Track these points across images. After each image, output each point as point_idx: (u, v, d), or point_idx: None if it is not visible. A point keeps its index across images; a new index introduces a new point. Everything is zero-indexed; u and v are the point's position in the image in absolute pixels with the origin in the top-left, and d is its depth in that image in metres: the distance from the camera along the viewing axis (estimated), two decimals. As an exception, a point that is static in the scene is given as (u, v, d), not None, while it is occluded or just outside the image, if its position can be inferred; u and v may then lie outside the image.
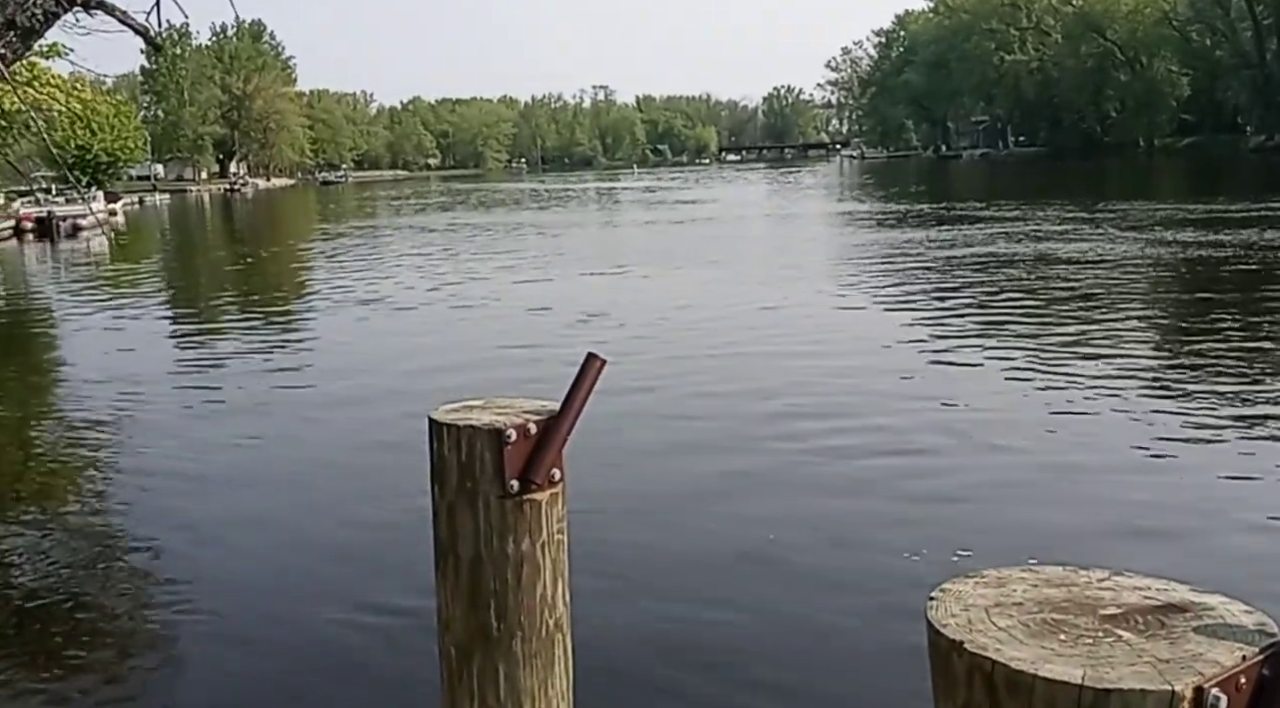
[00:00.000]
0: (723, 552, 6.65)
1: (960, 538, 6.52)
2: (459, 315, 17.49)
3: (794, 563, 6.40)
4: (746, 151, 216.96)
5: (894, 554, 6.31)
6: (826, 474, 8.04)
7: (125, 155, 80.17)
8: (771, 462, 8.38)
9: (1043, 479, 7.67)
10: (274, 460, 9.48)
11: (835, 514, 7.20)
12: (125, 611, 6.52)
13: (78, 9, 4.54)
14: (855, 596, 5.93)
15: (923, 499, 7.32)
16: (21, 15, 4.14)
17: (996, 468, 7.98)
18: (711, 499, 7.63)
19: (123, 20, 4.62)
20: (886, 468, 8.01)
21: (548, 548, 2.17)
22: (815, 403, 10.08)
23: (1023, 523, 6.81)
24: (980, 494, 7.43)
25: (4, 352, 18.51)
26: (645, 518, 7.36)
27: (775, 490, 7.75)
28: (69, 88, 23.82)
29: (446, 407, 2.25)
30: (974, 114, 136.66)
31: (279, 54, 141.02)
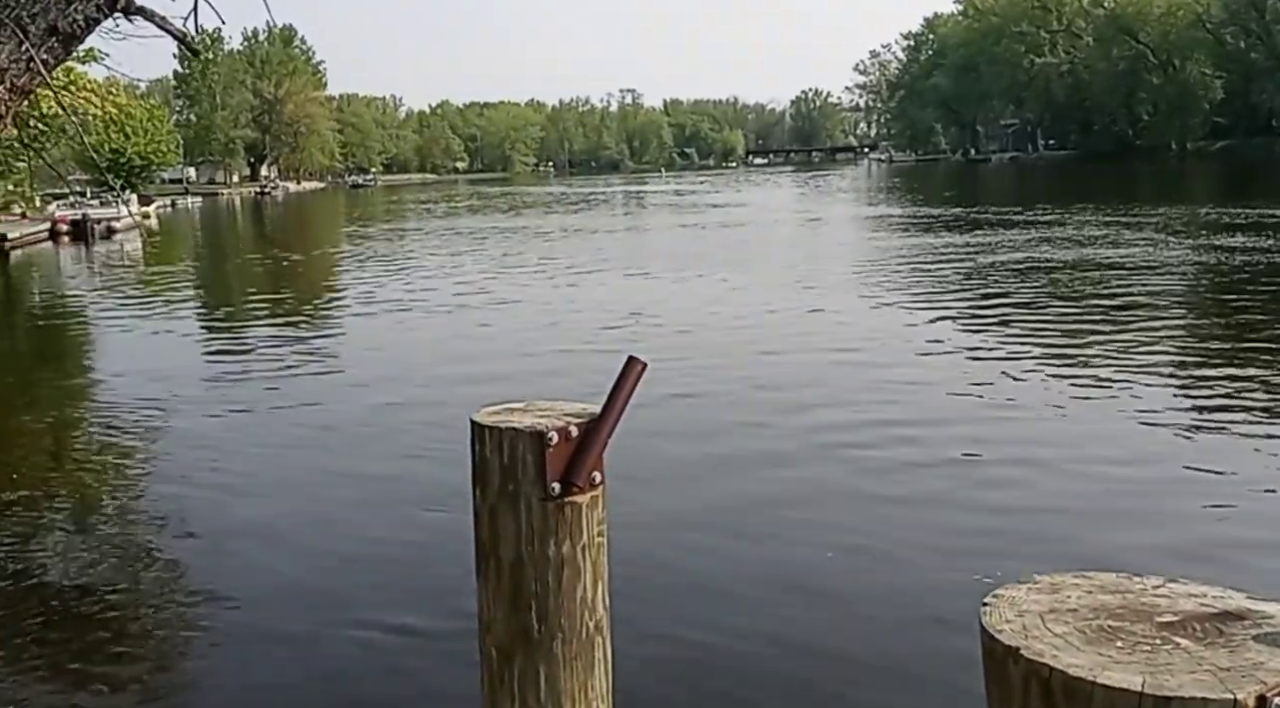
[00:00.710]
0: (771, 562, 6.56)
1: (1019, 552, 6.39)
2: (491, 319, 17.46)
3: (848, 580, 6.29)
4: (774, 155, 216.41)
5: (954, 570, 6.16)
6: (875, 485, 7.90)
7: (158, 159, 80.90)
8: (812, 471, 8.29)
9: (1098, 492, 7.50)
10: (305, 465, 9.51)
11: (890, 526, 7.07)
12: (154, 614, 6.55)
13: (118, 15, 4.57)
14: (914, 610, 5.80)
15: (980, 511, 7.19)
16: (63, 21, 4.18)
17: (1055, 482, 7.75)
18: (758, 510, 7.51)
19: (161, 25, 4.65)
20: (938, 479, 7.88)
21: (588, 550, 2.17)
22: (861, 412, 9.91)
23: (1089, 540, 6.63)
24: (1042, 508, 7.22)
25: (39, 353, 18.73)
26: (696, 535, 7.19)
27: (820, 500, 7.64)
28: (104, 92, 24.11)
29: (488, 409, 2.26)
30: (1003, 117, 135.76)
31: (310, 58, 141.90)
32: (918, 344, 13.30)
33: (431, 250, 32.95)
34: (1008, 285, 18.63)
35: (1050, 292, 17.72)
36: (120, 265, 35.18)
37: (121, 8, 4.90)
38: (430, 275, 24.68)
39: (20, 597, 6.77)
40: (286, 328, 17.99)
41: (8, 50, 4.23)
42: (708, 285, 20.42)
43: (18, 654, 5.88)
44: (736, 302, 17.90)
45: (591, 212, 56.50)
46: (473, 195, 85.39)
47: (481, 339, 15.72)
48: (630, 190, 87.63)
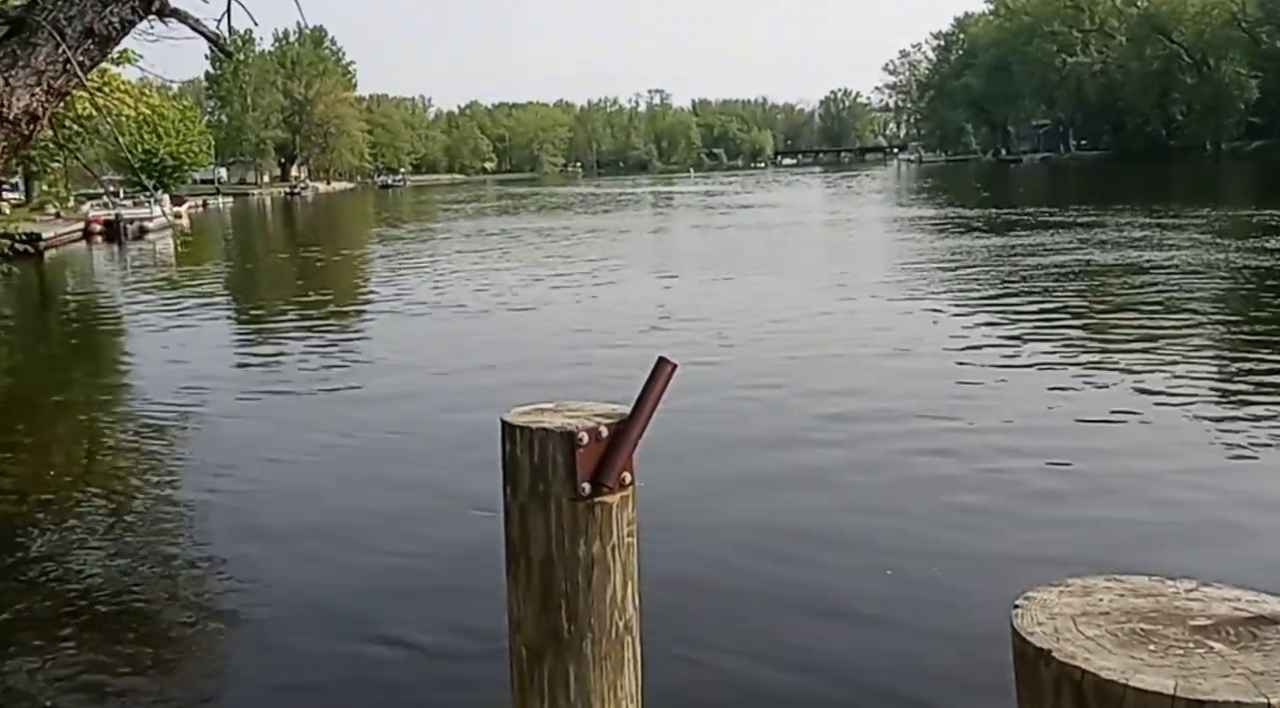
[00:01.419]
0: (807, 584, 6.37)
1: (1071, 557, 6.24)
2: (522, 322, 17.39)
3: (894, 603, 6.03)
4: (802, 155, 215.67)
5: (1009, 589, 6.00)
6: (922, 497, 7.69)
7: (190, 159, 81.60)
8: (852, 479, 8.14)
9: (1156, 508, 7.28)
10: (334, 464, 9.54)
11: (938, 542, 6.84)
12: (184, 611, 6.62)
13: (152, 17, 4.61)
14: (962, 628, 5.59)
15: (1033, 526, 7.02)
16: (99, 23, 4.23)
17: (1111, 496, 7.51)
18: (793, 520, 7.33)
19: (195, 27, 4.69)
20: (989, 492, 7.68)
21: (618, 551, 2.19)
22: (903, 422, 9.67)
23: (1153, 558, 6.34)
24: (1097, 525, 6.99)
25: (74, 351, 18.95)
26: (727, 546, 6.98)
27: (865, 512, 7.46)
28: (138, 93, 24.32)
29: (518, 409, 2.27)
30: (1035, 117, 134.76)
31: (340, 59, 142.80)
32: (961, 352, 12.93)
33: (461, 252, 33.03)
34: (1053, 290, 18.19)
35: (1100, 297, 17.29)
36: (152, 265, 35.54)
37: (156, 10, 4.96)
38: (461, 277, 24.68)
39: (51, 596, 6.84)
40: (317, 329, 18.08)
41: (45, 53, 4.29)
42: (741, 288, 20.25)
43: (47, 654, 5.93)
44: (772, 304, 17.66)
45: (621, 212, 56.42)
46: (501, 196, 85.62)
47: (512, 342, 15.54)
48: (659, 191, 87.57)
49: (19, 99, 4.45)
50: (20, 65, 4.50)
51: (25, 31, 4.49)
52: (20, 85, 4.47)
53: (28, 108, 4.49)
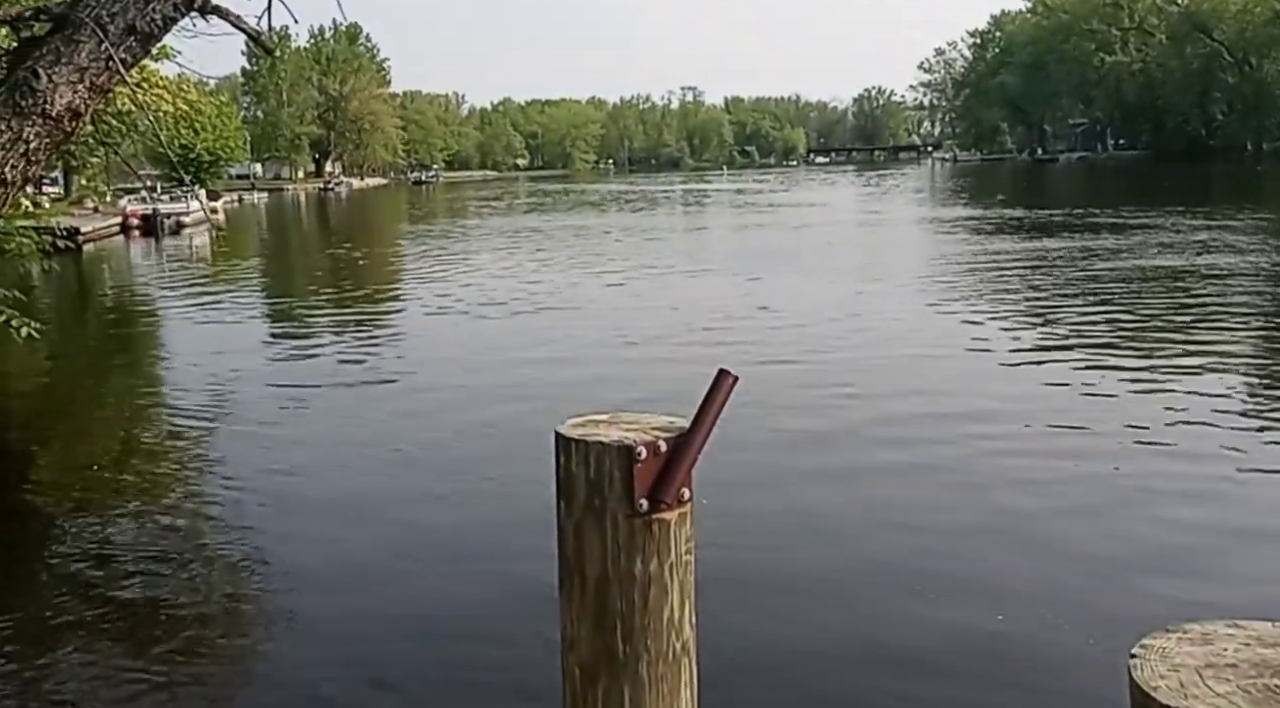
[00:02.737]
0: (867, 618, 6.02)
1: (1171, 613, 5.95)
2: (562, 322, 17.07)
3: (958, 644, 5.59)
4: (835, 153, 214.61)
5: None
6: (997, 521, 7.26)
7: (226, 155, 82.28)
8: (924, 497, 7.77)
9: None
10: (367, 461, 9.54)
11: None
12: (218, 607, 6.63)
13: (194, 13, 4.58)
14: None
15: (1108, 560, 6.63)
16: (142, 20, 4.18)
17: (1200, 531, 7.07)
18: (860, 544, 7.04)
19: (236, 24, 4.64)
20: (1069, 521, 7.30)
21: (675, 569, 2.10)
22: (968, 444, 9.16)
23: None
24: (1192, 560, 6.61)
25: (111, 345, 19.11)
26: (786, 575, 6.60)
27: (942, 542, 6.96)
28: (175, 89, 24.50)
29: (572, 420, 2.19)
30: (1072, 116, 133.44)
31: (374, 56, 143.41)
32: (1017, 364, 12.47)
33: (496, 249, 33.03)
34: (1117, 296, 17.52)
35: (1168, 303, 16.70)
36: (188, 260, 35.84)
37: (198, 6, 4.93)
38: (499, 275, 24.49)
39: (88, 592, 6.87)
40: (352, 326, 18.11)
41: (87, 49, 4.26)
42: (792, 288, 19.88)
43: (84, 651, 5.96)
44: (827, 306, 17.17)
45: (657, 210, 56.20)
46: (534, 192, 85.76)
47: (553, 342, 15.12)
48: (692, 188, 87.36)
49: (61, 96, 4.42)
50: (63, 62, 4.47)
51: (68, 28, 4.47)
52: (63, 82, 4.44)
53: (70, 104, 4.46)
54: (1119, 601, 5.92)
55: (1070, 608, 5.81)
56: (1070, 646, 5.41)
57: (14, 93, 4.29)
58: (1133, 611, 5.66)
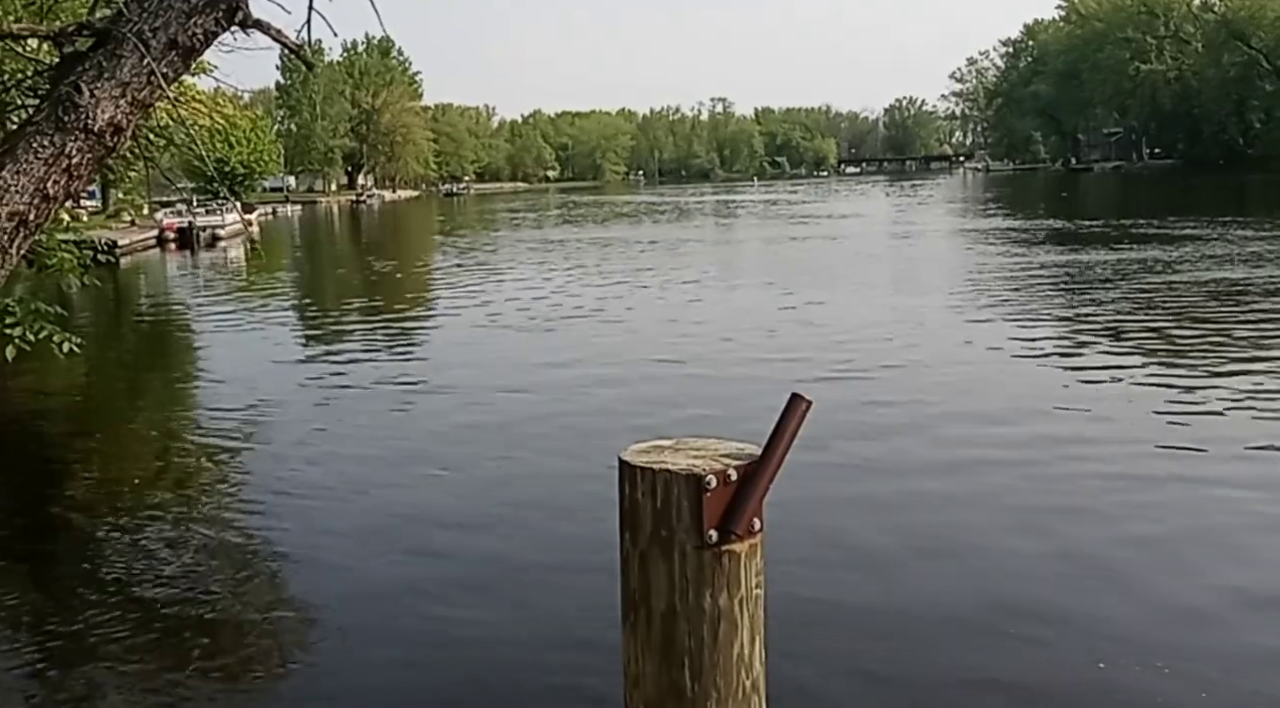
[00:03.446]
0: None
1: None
2: (599, 335, 16.81)
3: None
4: (866, 163, 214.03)
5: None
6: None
7: (260, 168, 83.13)
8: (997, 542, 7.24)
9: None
10: (401, 476, 9.49)
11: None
12: (253, 617, 6.64)
13: (235, 28, 4.54)
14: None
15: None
16: (183, 35, 4.15)
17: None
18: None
19: (276, 38, 4.60)
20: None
21: (746, 604, 2.01)
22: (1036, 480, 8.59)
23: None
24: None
25: (147, 356, 19.25)
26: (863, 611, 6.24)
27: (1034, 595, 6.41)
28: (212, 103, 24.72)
29: (636, 447, 2.10)
30: (1106, 126, 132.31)
31: (406, 69, 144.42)
32: (1089, 384, 11.78)
33: (530, 261, 32.89)
34: (1177, 311, 16.82)
35: (1230, 316, 16.02)
36: (224, 272, 36.11)
37: (240, 21, 4.90)
38: (531, 288, 24.14)
39: (126, 600, 6.90)
40: (387, 339, 18.09)
41: (130, 64, 4.23)
42: (842, 303, 19.34)
43: (122, 659, 5.97)
44: (868, 325, 16.54)
45: (689, 223, 55.82)
46: (565, 204, 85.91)
47: (592, 359, 14.67)
48: (723, 200, 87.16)
49: (104, 111, 4.41)
50: (105, 77, 4.46)
51: (110, 43, 4.45)
52: (105, 97, 4.43)
53: (112, 119, 4.45)
54: (1222, 647, 5.53)
55: (1169, 652, 5.41)
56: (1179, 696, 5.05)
57: (57, 108, 4.27)
58: (1240, 657, 5.34)
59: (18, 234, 4.34)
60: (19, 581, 7.50)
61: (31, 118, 4.37)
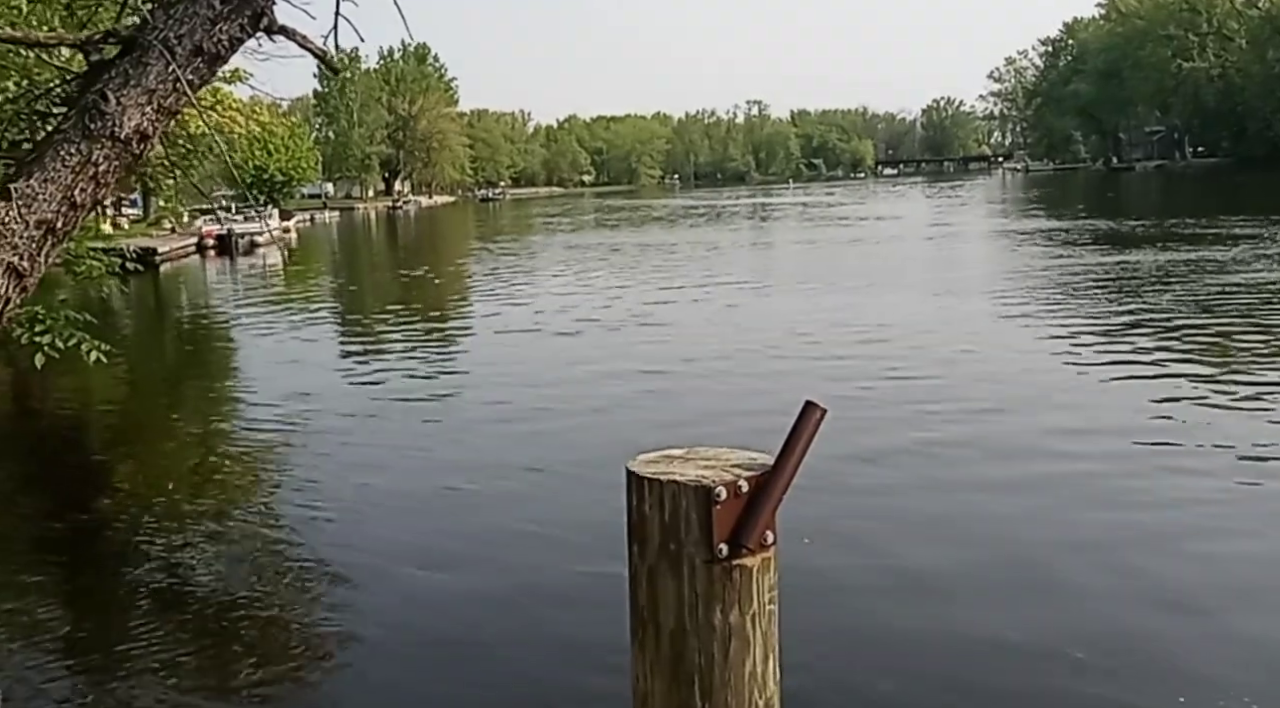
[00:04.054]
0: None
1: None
2: (638, 342, 16.59)
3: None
4: (904, 165, 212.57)
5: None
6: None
7: (298, 175, 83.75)
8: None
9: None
10: (438, 480, 9.47)
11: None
12: (293, 620, 6.70)
13: (260, 34, 4.51)
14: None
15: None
16: (208, 41, 4.12)
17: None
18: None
19: (302, 44, 4.57)
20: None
21: (758, 620, 1.93)
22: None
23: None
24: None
25: (187, 362, 19.43)
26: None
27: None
28: (249, 111, 24.97)
29: (644, 457, 2.03)
30: (1148, 124, 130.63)
31: (442, 76, 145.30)
32: (1166, 401, 10.99)
33: (566, 266, 32.71)
34: (1238, 312, 16.18)
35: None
36: (262, 279, 36.42)
37: (265, 27, 4.90)
38: (568, 293, 24.00)
39: (165, 604, 6.97)
40: (422, 345, 18.09)
41: (155, 72, 4.23)
42: (882, 308, 18.79)
43: (163, 662, 6.02)
44: (921, 329, 16.05)
45: (726, 226, 55.39)
46: (600, 209, 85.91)
47: (631, 366, 14.33)
48: (760, 202, 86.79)
49: (130, 118, 4.40)
50: (131, 84, 4.45)
51: (136, 50, 4.45)
52: (131, 104, 4.42)
53: (138, 127, 4.43)
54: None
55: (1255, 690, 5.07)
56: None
57: (83, 116, 4.27)
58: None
59: (45, 242, 4.34)
60: (60, 583, 7.59)
61: (59, 126, 4.38)
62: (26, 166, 4.24)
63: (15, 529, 8.94)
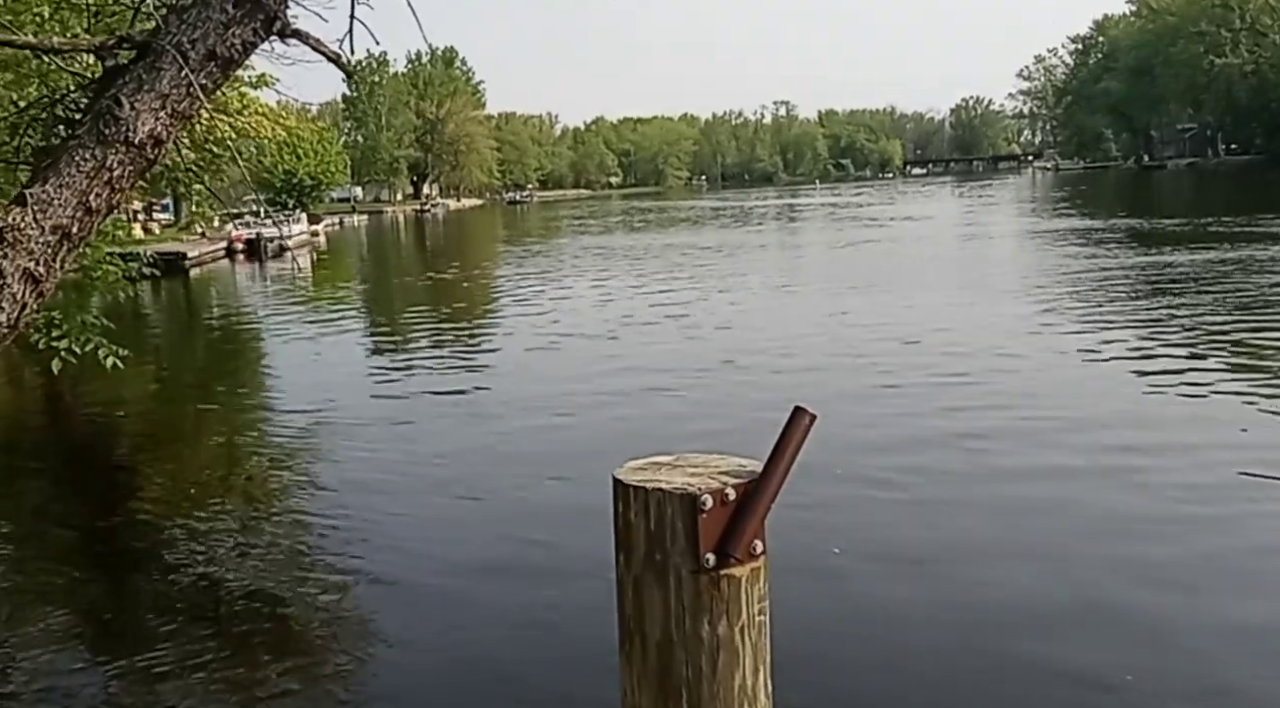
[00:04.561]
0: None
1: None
2: (661, 343, 16.50)
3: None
4: (932, 165, 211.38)
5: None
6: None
7: (327, 179, 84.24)
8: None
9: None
10: (468, 485, 9.45)
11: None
12: (317, 619, 6.76)
13: (274, 38, 4.51)
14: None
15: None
16: (221, 45, 4.12)
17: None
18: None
19: (315, 47, 4.58)
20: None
21: (748, 632, 1.88)
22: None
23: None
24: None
25: (216, 365, 19.56)
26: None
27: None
28: (276, 116, 25.11)
29: (632, 463, 1.99)
30: (1180, 121, 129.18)
31: (469, 79, 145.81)
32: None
33: (595, 269, 32.58)
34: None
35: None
36: (291, 282, 36.64)
37: (278, 30, 4.90)
38: (597, 298, 23.76)
39: (195, 604, 7.06)
40: (450, 348, 18.08)
41: (169, 76, 4.24)
42: (925, 310, 18.40)
43: (192, 661, 6.10)
44: (981, 328, 15.76)
45: (755, 227, 55.06)
46: (628, 211, 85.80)
47: (662, 370, 14.07)
48: (788, 204, 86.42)
49: (144, 123, 4.41)
50: (145, 90, 4.46)
51: (150, 56, 4.45)
52: (145, 109, 4.43)
53: (152, 132, 4.45)
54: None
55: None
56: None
57: (98, 121, 4.28)
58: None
59: (61, 247, 4.35)
60: (90, 585, 7.66)
61: (73, 131, 4.40)
62: (42, 172, 4.25)
63: (47, 532, 9.04)
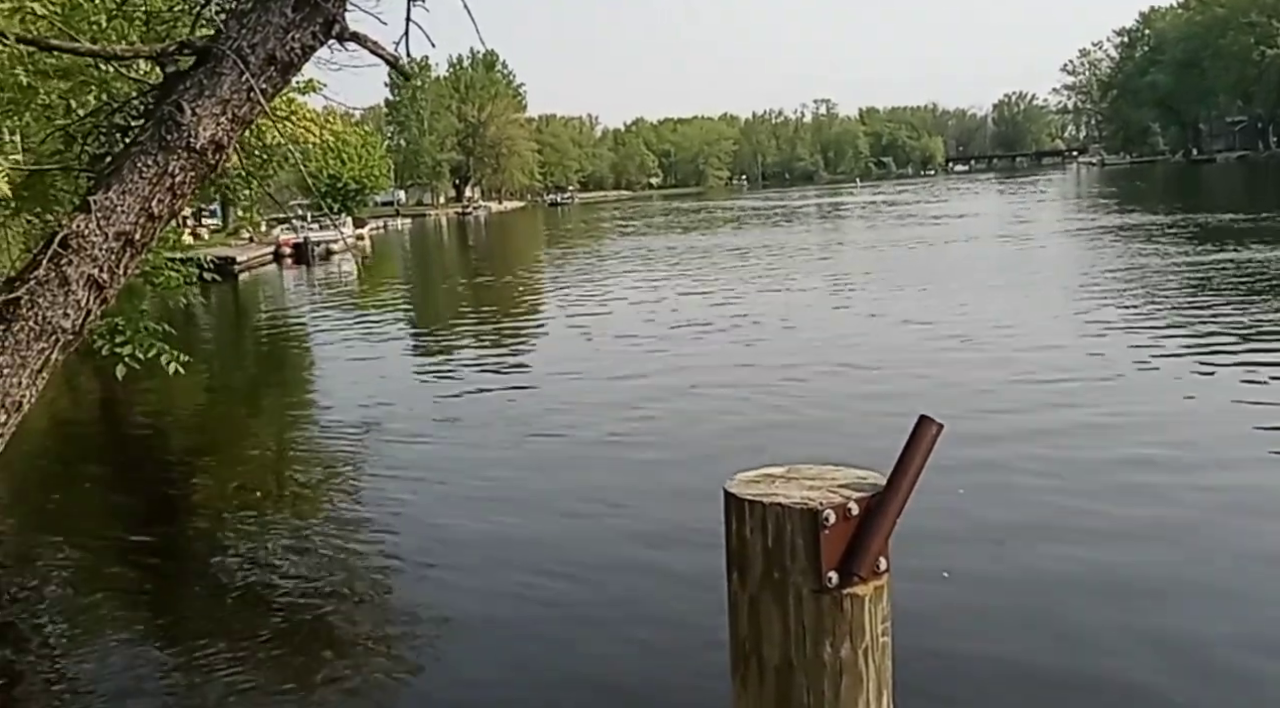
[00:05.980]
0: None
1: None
2: (709, 347, 16.19)
3: None
4: (975, 161, 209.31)
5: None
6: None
7: (371, 183, 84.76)
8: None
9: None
10: (513, 495, 9.36)
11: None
12: (367, 621, 6.77)
13: (332, 42, 4.45)
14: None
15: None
16: (281, 50, 4.07)
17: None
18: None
19: (374, 51, 4.51)
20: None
21: (871, 653, 1.78)
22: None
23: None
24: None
25: (266, 369, 19.70)
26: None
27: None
28: (322, 121, 25.23)
29: (744, 476, 1.89)
30: (1229, 114, 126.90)
31: (510, 82, 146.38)
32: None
33: (639, 270, 32.35)
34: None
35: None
36: (337, 286, 36.89)
37: (336, 34, 4.84)
38: (644, 299, 23.38)
39: (245, 603, 7.10)
40: (497, 351, 18.06)
41: (229, 82, 4.20)
42: (1001, 311, 17.66)
43: (242, 661, 6.15)
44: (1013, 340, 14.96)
45: (800, 227, 54.35)
46: (669, 211, 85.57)
47: (709, 373, 13.91)
48: (830, 202, 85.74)
49: (205, 128, 4.39)
50: (206, 95, 4.43)
51: (211, 61, 4.42)
52: (206, 115, 4.41)
53: (213, 137, 4.42)
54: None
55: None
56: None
57: (160, 127, 4.25)
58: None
59: (124, 254, 4.32)
60: (144, 591, 7.69)
61: (136, 138, 4.36)
62: (105, 179, 4.22)
63: (104, 533, 9.12)
